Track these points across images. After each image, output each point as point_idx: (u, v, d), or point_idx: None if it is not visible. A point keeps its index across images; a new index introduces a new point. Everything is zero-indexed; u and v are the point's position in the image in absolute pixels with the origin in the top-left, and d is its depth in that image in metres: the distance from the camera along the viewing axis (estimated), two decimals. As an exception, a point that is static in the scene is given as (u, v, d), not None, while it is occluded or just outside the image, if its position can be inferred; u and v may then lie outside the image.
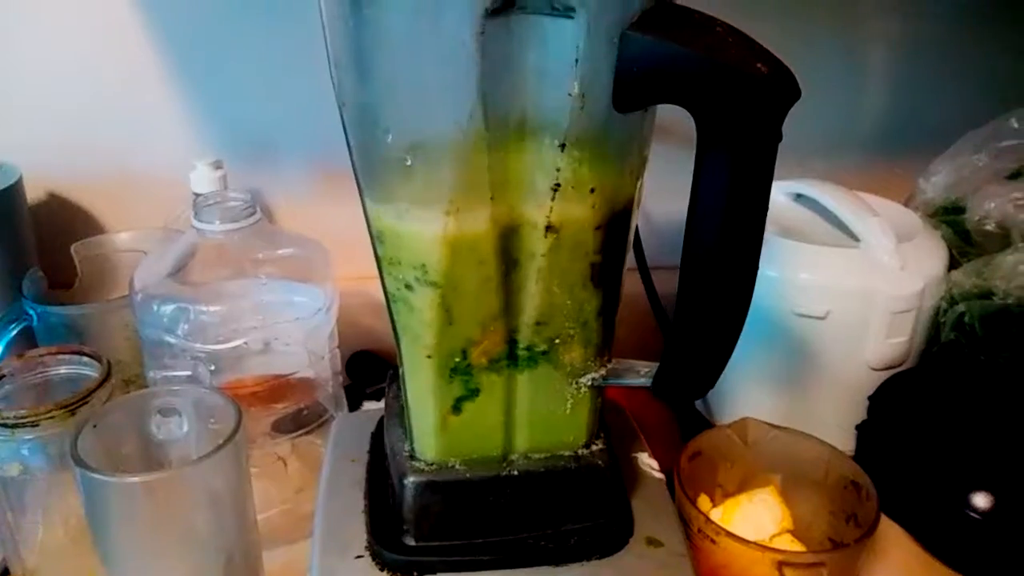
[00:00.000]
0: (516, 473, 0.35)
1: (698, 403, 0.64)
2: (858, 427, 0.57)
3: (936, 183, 0.63)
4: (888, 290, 0.54)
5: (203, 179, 0.59)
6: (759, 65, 0.26)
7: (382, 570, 0.35)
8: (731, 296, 0.30)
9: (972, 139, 0.64)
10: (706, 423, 0.62)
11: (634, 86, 0.28)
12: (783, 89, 0.27)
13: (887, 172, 0.70)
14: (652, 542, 0.36)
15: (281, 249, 0.52)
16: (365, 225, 0.41)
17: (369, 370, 0.68)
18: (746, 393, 0.59)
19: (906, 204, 0.65)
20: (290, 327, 0.50)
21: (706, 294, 0.30)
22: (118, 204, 0.68)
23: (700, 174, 0.29)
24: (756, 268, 0.30)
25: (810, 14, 0.64)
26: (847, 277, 0.55)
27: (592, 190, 0.30)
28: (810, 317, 0.55)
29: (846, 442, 0.56)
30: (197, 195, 0.58)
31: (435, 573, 0.35)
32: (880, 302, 0.54)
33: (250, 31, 0.63)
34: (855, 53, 0.67)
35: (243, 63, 0.64)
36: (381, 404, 0.65)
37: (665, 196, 0.31)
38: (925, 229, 0.59)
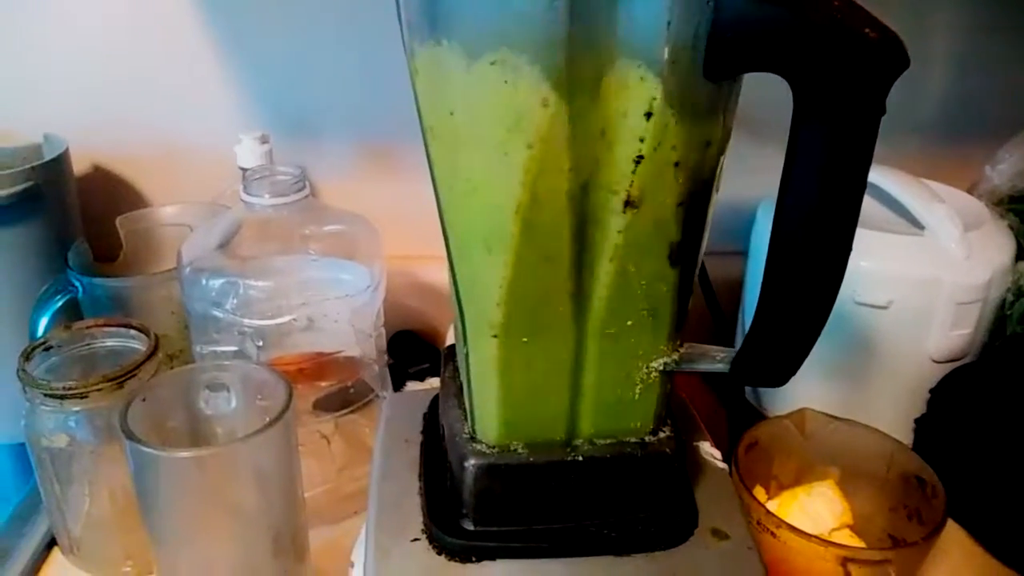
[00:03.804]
0: (580, 458, 0.34)
1: (749, 393, 0.62)
2: (917, 421, 0.55)
3: (1003, 171, 0.61)
4: (953, 280, 0.52)
5: (249, 153, 0.58)
6: (867, 30, 0.25)
7: (439, 554, 0.34)
8: (822, 280, 0.29)
9: (1042, 126, 0.61)
10: (757, 414, 0.60)
11: (729, 52, 0.26)
12: (892, 56, 0.25)
13: (950, 158, 0.67)
14: (718, 534, 0.35)
15: (328, 225, 0.51)
16: (409, 203, 0.39)
17: (411, 350, 0.67)
18: (799, 383, 0.57)
19: (970, 192, 0.62)
20: (338, 304, 0.49)
21: (796, 277, 0.29)
22: (163, 177, 0.67)
23: (795, 149, 0.27)
24: (849, 250, 0.28)
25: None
26: (911, 266, 0.53)
27: (676, 163, 0.28)
28: (871, 306, 0.53)
29: (903, 436, 0.54)
30: (244, 169, 0.57)
31: (494, 559, 0.34)
32: (945, 292, 0.52)
33: (296, 4, 0.62)
34: (919, 33, 0.65)
35: (289, 37, 0.63)
36: (424, 384, 0.64)
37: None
38: (992, 218, 0.57)
